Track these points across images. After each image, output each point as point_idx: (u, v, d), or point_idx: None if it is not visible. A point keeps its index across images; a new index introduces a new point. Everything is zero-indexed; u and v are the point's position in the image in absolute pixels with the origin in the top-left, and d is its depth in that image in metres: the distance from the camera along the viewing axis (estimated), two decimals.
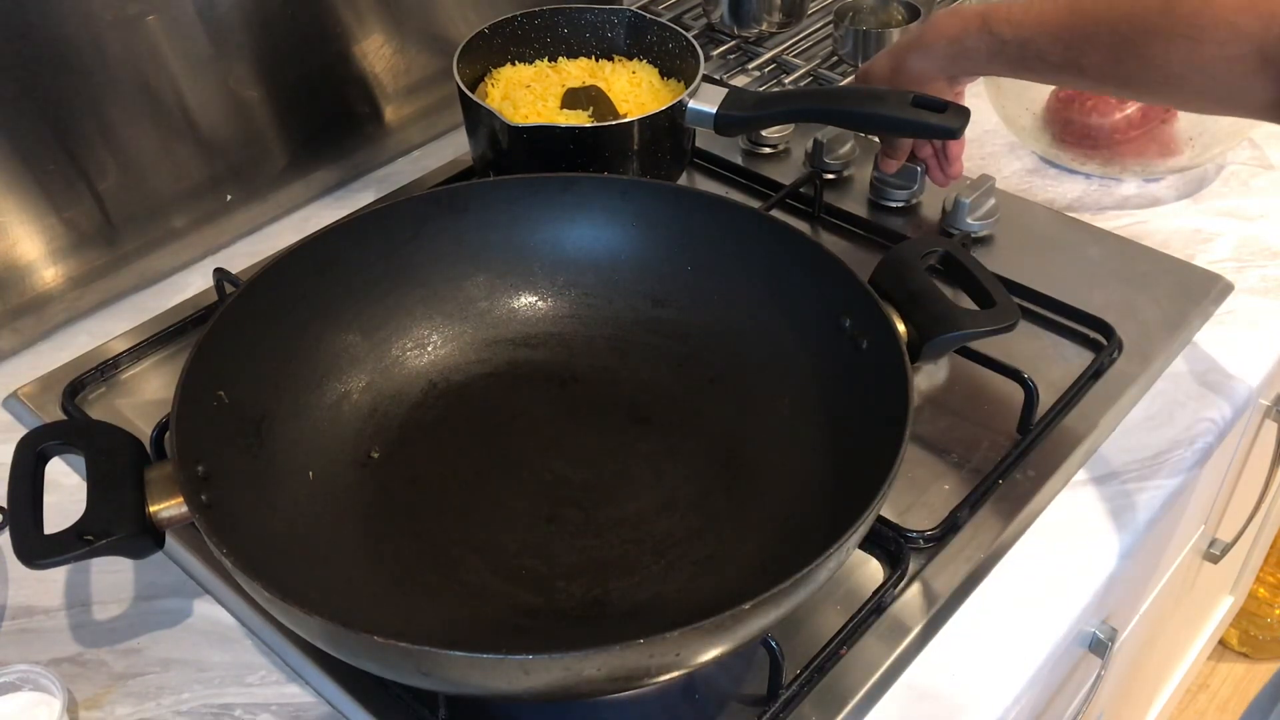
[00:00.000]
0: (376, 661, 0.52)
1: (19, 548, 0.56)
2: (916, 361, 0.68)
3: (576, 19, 0.99)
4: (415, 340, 0.77)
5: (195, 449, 0.60)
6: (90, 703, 0.63)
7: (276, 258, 0.71)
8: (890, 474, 0.56)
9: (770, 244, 0.74)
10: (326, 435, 0.71)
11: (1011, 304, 0.71)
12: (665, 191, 0.78)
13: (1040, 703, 0.80)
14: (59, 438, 0.62)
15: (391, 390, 0.75)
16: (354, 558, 0.65)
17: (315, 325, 0.72)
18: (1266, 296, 0.88)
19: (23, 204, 0.82)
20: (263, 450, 0.66)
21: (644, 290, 0.79)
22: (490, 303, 0.79)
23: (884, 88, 0.86)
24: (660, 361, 0.77)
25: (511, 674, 0.50)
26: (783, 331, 0.74)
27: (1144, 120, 0.98)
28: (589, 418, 0.75)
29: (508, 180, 0.78)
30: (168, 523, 0.59)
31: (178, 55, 0.86)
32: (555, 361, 0.78)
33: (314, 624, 0.51)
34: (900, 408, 0.61)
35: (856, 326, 0.69)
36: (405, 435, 0.73)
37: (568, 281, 0.80)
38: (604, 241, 0.79)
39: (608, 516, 0.69)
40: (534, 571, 0.66)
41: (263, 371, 0.68)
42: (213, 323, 0.65)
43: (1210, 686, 1.76)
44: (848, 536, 0.54)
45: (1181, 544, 1.06)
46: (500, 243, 0.78)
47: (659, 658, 0.51)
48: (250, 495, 0.63)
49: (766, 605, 0.51)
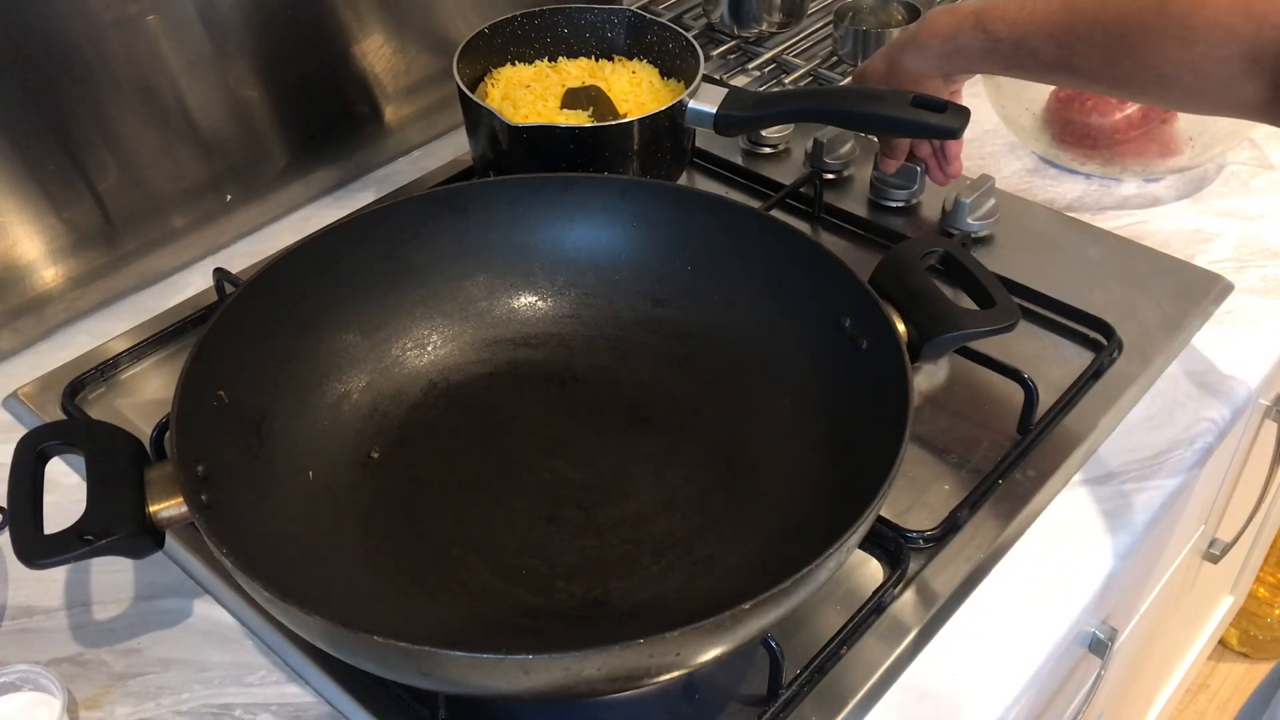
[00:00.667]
0: (376, 661, 0.52)
1: (19, 548, 0.56)
2: (916, 361, 0.68)
3: (576, 19, 0.99)
4: (415, 340, 0.77)
5: (195, 449, 0.60)
6: (90, 703, 0.63)
7: (276, 258, 0.71)
8: (890, 474, 0.56)
9: (770, 244, 0.74)
10: (326, 435, 0.71)
11: (1011, 304, 0.71)
12: (665, 191, 0.78)
13: (1040, 703, 0.80)
14: (59, 438, 0.62)
15: (391, 390, 0.75)
16: (354, 557, 0.65)
17: (315, 325, 0.72)
18: (1266, 296, 0.88)
19: (23, 204, 0.82)
20: (263, 450, 0.66)
21: (644, 290, 0.79)
22: (490, 303, 0.79)
23: (884, 88, 0.86)
24: (660, 361, 0.77)
25: (511, 674, 0.50)
26: (783, 331, 0.74)
27: (1144, 120, 0.98)
28: (589, 418, 0.75)
29: (508, 180, 0.78)
30: (168, 523, 0.59)
31: (178, 55, 0.86)
32: (555, 361, 0.78)
33: (314, 624, 0.51)
34: (900, 408, 0.61)
35: (856, 326, 0.69)
36: (405, 435, 0.73)
37: (568, 281, 0.80)
38: (604, 241, 0.79)
39: (608, 516, 0.69)
40: (534, 571, 0.66)
41: (263, 371, 0.68)
42: (213, 323, 0.65)
43: (1210, 686, 1.76)
44: (848, 536, 0.54)
45: (1181, 544, 1.06)
46: (500, 243, 0.78)
47: (659, 658, 0.51)
48: (250, 495, 0.63)
49: (766, 605, 0.51)
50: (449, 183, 0.98)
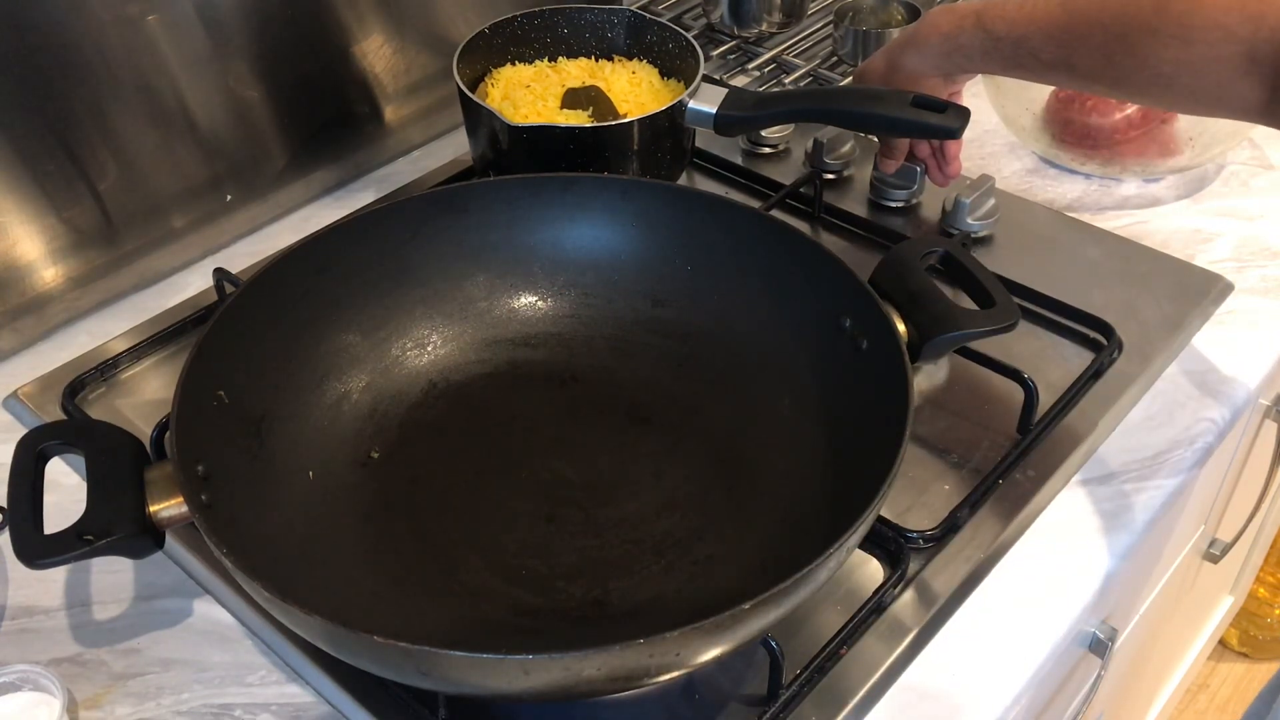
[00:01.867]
0: (377, 661, 0.52)
1: (19, 548, 0.56)
2: (916, 361, 0.68)
3: (576, 19, 0.99)
4: (415, 340, 0.77)
5: (195, 449, 0.60)
6: (90, 703, 0.63)
7: (276, 258, 0.71)
8: (890, 474, 0.56)
9: (770, 244, 0.74)
10: (326, 435, 0.71)
11: (1012, 304, 0.71)
12: (665, 191, 0.78)
13: (1040, 703, 0.80)
14: (59, 437, 0.62)
15: (391, 390, 0.75)
16: (354, 557, 0.65)
17: (315, 325, 0.72)
18: (1266, 296, 0.88)
19: (23, 204, 0.82)
20: (262, 450, 0.66)
21: (644, 290, 0.79)
22: (490, 303, 0.79)
23: (884, 88, 0.86)
24: (660, 361, 0.77)
25: (512, 674, 0.50)
26: (783, 331, 0.74)
27: (1144, 120, 0.98)
28: (589, 418, 0.75)
29: (508, 180, 0.78)
30: (168, 523, 0.59)
31: (178, 55, 0.86)
32: (555, 361, 0.78)
33: (314, 624, 0.51)
34: (900, 408, 0.61)
35: (856, 326, 0.69)
36: (405, 435, 0.73)
37: (568, 281, 0.80)
38: (604, 241, 0.79)
39: (608, 516, 0.69)
40: (534, 571, 0.66)
41: (263, 371, 0.68)
42: (213, 322, 0.65)
43: (1210, 686, 1.76)
44: (848, 536, 0.54)
45: (1181, 544, 1.06)
46: (500, 243, 0.78)
47: (659, 658, 0.51)
48: (250, 495, 0.63)
49: (766, 605, 0.51)
50: (449, 183, 0.98)
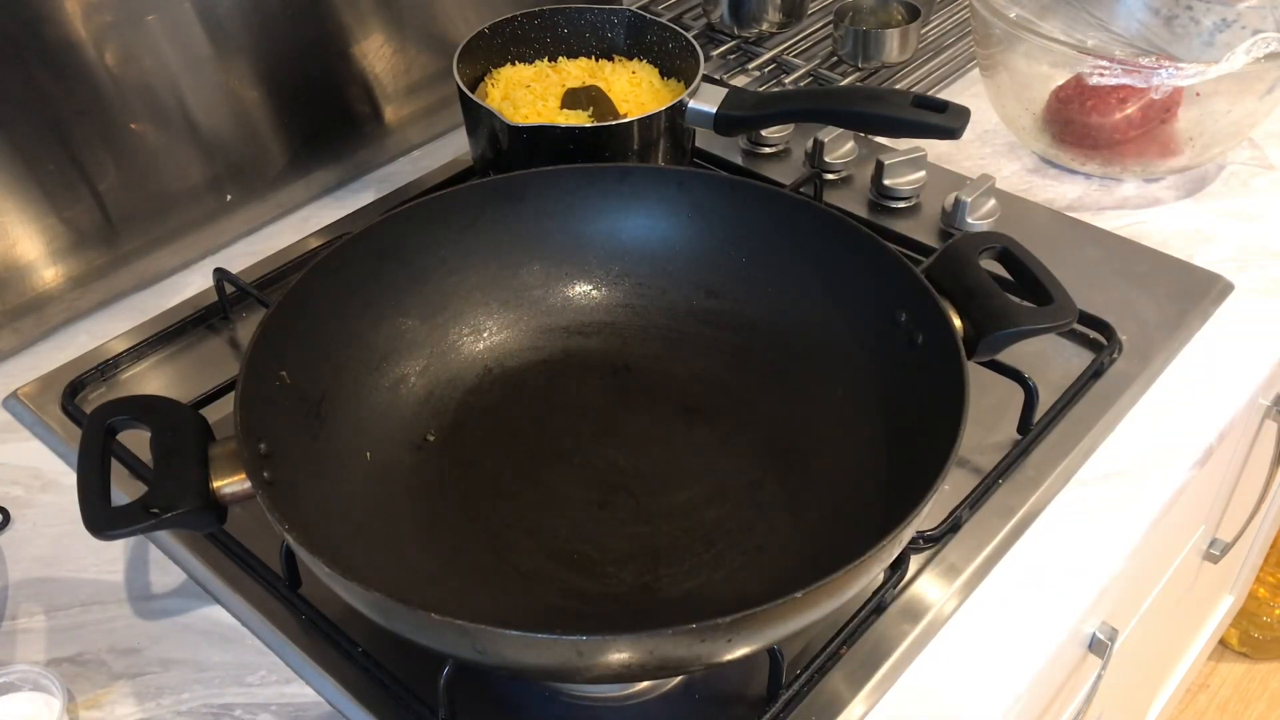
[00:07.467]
0: (434, 638, 0.53)
1: (88, 518, 0.57)
2: (972, 358, 0.67)
3: (576, 19, 0.99)
4: (472, 326, 0.78)
5: (258, 427, 0.60)
6: (90, 703, 0.63)
7: (341, 243, 0.72)
8: (944, 469, 0.56)
9: (826, 236, 0.74)
10: (384, 417, 0.71)
11: (1069, 301, 0.69)
12: (721, 183, 0.78)
13: (1040, 703, 0.80)
14: (127, 412, 0.62)
15: (448, 375, 0.76)
16: (409, 537, 0.66)
17: (375, 309, 0.73)
18: (1266, 296, 0.88)
19: (23, 204, 0.82)
20: (322, 430, 0.67)
21: (698, 281, 0.79)
22: (545, 291, 0.80)
23: (884, 88, 0.86)
24: (713, 352, 0.77)
25: (565, 654, 0.50)
26: (837, 324, 0.74)
27: (1144, 120, 0.98)
28: (641, 406, 0.75)
29: (564, 169, 0.78)
30: (230, 498, 0.59)
31: (178, 55, 0.86)
32: (608, 350, 0.79)
33: (374, 599, 0.51)
34: (955, 403, 0.60)
35: (912, 321, 0.68)
36: (460, 419, 0.74)
37: (622, 271, 0.80)
38: (659, 232, 0.79)
39: (659, 504, 0.69)
40: (585, 556, 0.66)
41: (323, 353, 0.69)
42: (276, 305, 0.66)
43: (1210, 686, 1.76)
44: (902, 528, 0.53)
45: (1181, 544, 1.06)
46: (556, 231, 0.79)
47: (710, 644, 0.51)
48: (310, 474, 0.64)
49: (819, 595, 0.51)
50: (449, 183, 0.98)
